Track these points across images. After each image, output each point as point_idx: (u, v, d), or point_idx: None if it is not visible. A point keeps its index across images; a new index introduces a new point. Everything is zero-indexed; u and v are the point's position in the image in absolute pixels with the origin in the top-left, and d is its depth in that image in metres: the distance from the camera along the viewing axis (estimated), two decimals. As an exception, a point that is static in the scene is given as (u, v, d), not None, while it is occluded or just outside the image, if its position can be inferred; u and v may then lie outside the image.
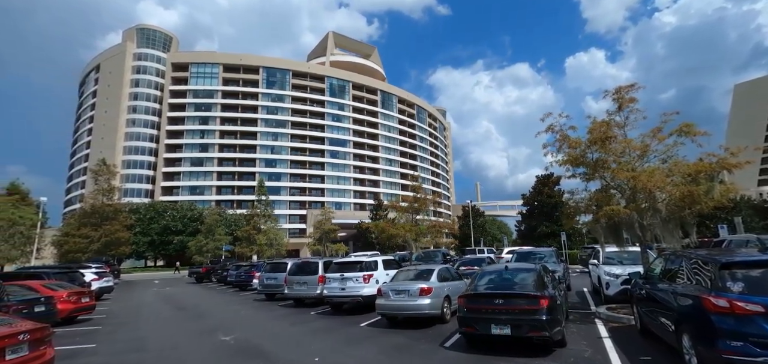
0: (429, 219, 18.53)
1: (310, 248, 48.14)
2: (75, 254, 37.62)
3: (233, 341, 9.11)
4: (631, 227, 9.69)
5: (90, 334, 10.77)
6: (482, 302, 6.90)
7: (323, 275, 14.70)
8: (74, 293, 12.67)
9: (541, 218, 39.24)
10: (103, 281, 20.73)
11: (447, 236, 17.90)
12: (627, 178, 8.95)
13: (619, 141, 9.62)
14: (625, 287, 10.34)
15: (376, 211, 50.27)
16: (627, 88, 10.50)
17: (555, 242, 37.32)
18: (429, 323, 9.72)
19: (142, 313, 15.01)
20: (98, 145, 76.84)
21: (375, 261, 13.18)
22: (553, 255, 14.16)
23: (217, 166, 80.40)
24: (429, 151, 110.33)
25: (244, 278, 23.01)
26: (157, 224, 55.40)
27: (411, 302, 9.46)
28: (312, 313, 13.04)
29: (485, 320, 6.68)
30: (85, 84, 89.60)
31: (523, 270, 7.91)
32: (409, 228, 16.32)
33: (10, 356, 4.80)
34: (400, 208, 17.50)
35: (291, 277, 15.26)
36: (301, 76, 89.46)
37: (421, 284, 9.61)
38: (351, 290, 12.27)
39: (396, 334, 9.01)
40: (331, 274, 12.86)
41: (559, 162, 10.81)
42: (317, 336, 9.36)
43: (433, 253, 19.81)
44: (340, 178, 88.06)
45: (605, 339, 7.46)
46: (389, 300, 9.77)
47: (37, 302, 10.28)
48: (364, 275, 12.31)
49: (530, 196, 41.42)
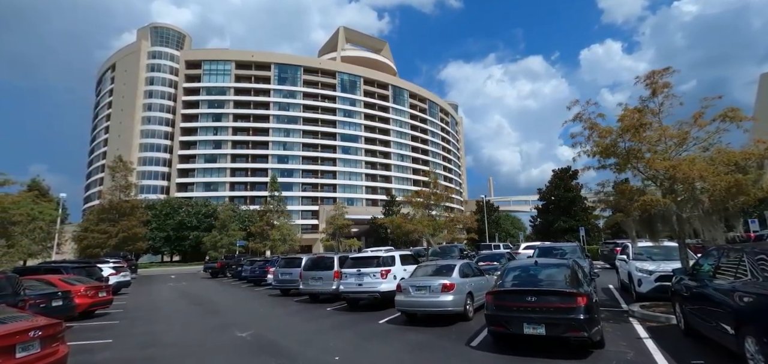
0: (446, 214, 17.96)
1: (323, 244, 48.12)
2: (94, 249, 38.37)
3: (250, 337, 8.88)
4: (667, 220, 9.07)
5: (107, 329, 10.70)
6: (513, 300, 6.46)
7: (339, 271, 14.41)
8: (92, 288, 12.66)
9: (559, 213, 38.31)
10: (121, 275, 20.89)
11: (463, 232, 17.40)
12: (665, 168, 8.33)
13: (654, 129, 8.98)
14: (661, 284, 9.75)
15: (388, 206, 49.96)
16: (661, 72, 9.82)
17: (573, 237, 36.40)
18: (450, 321, 9.31)
19: (159, 308, 14.99)
20: (115, 143, 78.33)
21: (392, 256, 12.82)
22: (576, 251, 13.54)
23: (230, 162, 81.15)
24: (441, 146, 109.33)
25: (258, 273, 22.95)
26: (173, 219, 56.17)
27: (432, 299, 9.06)
28: (328, 308, 12.77)
29: (517, 318, 6.24)
30: (102, 83, 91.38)
31: (554, 265, 7.44)
32: (426, 223, 15.83)
33: (21, 353, 4.59)
34: (416, 202, 17.00)
35: (306, 272, 15.02)
36: (312, 72, 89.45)
37: (443, 280, 9.20)
38: (368, 285, 11.94)
39: (417, 331, 8.63)
40: (347, 269, 12.55)
41: (587, 153, 10.19)
42: (335, 332, 9.06)
43: (449, 248, 19.30)
44: (351, 173, 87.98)
45: (646, 340, 6.94)
46: (409, 296, 9.39)
47: (55, 297, 10.23)
48: (382, 270, 11.97)
49: (547, 190, 40.47)
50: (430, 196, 16.60)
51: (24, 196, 22.78)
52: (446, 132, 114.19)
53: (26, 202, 22.04)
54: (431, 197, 16.57)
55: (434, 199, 16.67)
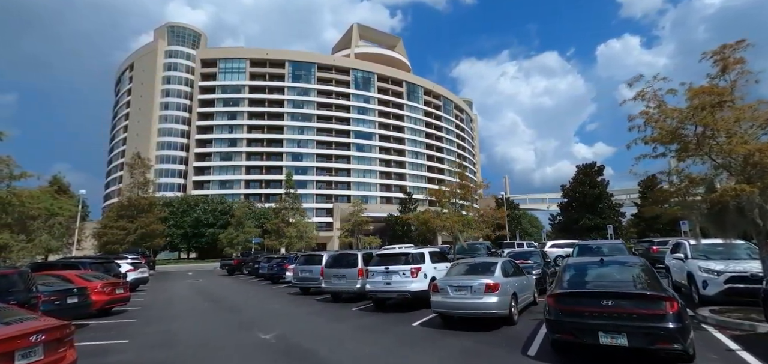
0: (475, 209, 16.84)
1: (341, 241, 47.38)
2: (113, 245, 38.66)
3: (274, 339, 8.16)
4: (745, 213, 7.92)
5: (123, 327, 10.16)
6: (583, 303, 5.51)
7: (363, 268, 13.65)
8: (109, 284, 12.19)
9: (583, 210, 36.69)
10: (139, 272, 20.60)
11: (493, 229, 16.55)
12: (749, 151, 7.22)
13: (734, 108, 7.84)
14: (733, 287, 8.64)
15: (405, 204, 49.06)
16: (733, 46, 8.66)
17: (600, 236, 34.85)
18: (492, 325, 8.40)
19: (177, 305, 14.49)
20: (133, 141, 79.51)
21: (422, 253, 11.95)
22: (623, 249, 12.40)
23: (245, 160, 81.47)
24: (455, 143, 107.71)
25: (276, 270, 22.40)
26: (190, 216, 56.47)
27: (474, 300, 8.16)
28: (353, 308, 12.00)
29: (590, 326, 5.30)
30: (121, 83, 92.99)
31: (624, 264, 6.46)
32: (455, 219, 14.82)
33: (21, 361, 3.91)
34: (443, 197, 15.96)
35: (328, 270, 14.30)
36: (326, 69, 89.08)
37: (486, 280, 8.28)
38: (397, 284, 11.11)
39: (458, 336, 7.75)
40: (374, 267, 11.73)
41: (644, 140, 9.06)
42: (367, 336, 8.26)
43: (476, 246, 18.23)
44: (366, 171, 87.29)
45: (739, 352, 5.90)
46: (448, 297, 8.51)
47: (70, 293, 9.72)
48: (412, 268, 11.11)
49: (571, 187, 38.85)
50: (458, 189, 15.55)
51: (44, 191, 22.80)
52: (461, 129, 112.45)
53: (46, 197, 22.07)
54: (458, 191, 15.50)
55: (462, 192, 15.63)
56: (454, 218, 14.73)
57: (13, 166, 13.53)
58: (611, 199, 37.30)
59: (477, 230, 16.03)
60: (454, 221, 14.66)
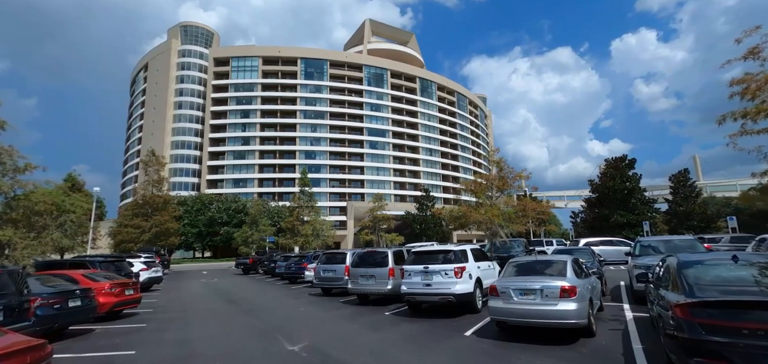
0: (513, 202, 15.16)
1: (362, 238, 45.89)
2: (128, 243, 38.22)
3: (305, 352, 6.86)
4: None
5: (131, 334, 9.01)
6: (740, 317, 4.01)
7: (393, 268, 12.33)
8: (118, 285, 11.12)
9: (615, 206, 34.54)
10: (152, 271, 19.69)
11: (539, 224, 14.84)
12: None
13: None
14: None
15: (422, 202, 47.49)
16: None
17: (632, 233, 32.77)
18: (565, 337, 6.94)
19: (192, 307, 13.38)
20: (148, 141, 79.78)
21: (464, 251, 10.52)
22: (699, 247, 10.70)
23: (258, 158, 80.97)
24: (470, 140, 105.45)
25: (294, 269, 21.24)
26: (204, 215, 56.08)
27: (547, 307, 6.71)
28: (386, 313, 10.66)
29: (756, 349, 3.80)
30: (136, 83, 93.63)
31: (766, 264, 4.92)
32: (497, 213, 13.19)
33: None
34: (480, 189, 14.33)
35: (354, 269, 13.00)
36: (338, 66, 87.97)
37: (559, 282, 6.82)
38: (439, 286, 9.71)
39: (533, 351, 6.31)
40: (410, 266, 10.36)
41: (749, 113, 7.43)
42: (413, 349, 6.89)
43: (510, 244, 16.55)
44: (379, 169, 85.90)
45: None
46: (510, 303, 7.08)
47: (72, 296, 8.60)
48: (455, 267, 9.70)
49: (600, 181, 36.68)
50: (495, 179, 13.90)
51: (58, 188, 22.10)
52: (476, 125, 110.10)
53: (57, 192, 21.33)
54: (497, 180, 13.85)
55: (498, 184, 13.99)
56: (493, 211, 13.08)
57: (17, 157, 12.66)
58: (644, 193, 35.07)
59: (519, 224, 14.44)
60: (494, 215, 13.02)
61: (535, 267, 7.83)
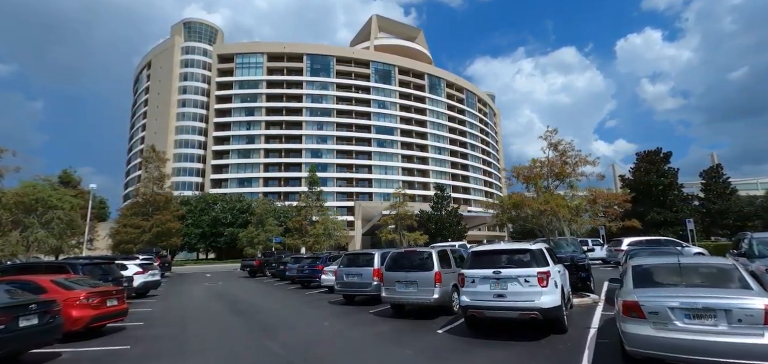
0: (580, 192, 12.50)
1: (385, 236, 43.10)
2: (127, 244, 36.03)
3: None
4: None
5: (107, 362, 6.66)
6: None
7: (440, 272, 9.93)
8: (97, 294, 8.78)
9: (650, 204, 31.81)
10: (148, 274, 17.35)
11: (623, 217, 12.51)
12: None
13: None
14: None
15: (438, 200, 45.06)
16: None
17: (671, 232, 30.11)
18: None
19: (192, 321, 11.04)
20: (151, 140, 77.65)
21: (541, 250, 8.07)
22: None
23: (263, 157, 78.79)
24: (479, 138, 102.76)
25: (307, 272, 18.85)
26: (208, 215, 53.93)
27: (741, 339, 4.26)
28: (439, 331, 8.29)
29: None
30: (139, 82, 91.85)
31: None
32: (562, 203, 10.64)
33: None
34: (537, 175, 11.71)
35: (389, 274, 10.62)
36: (345, 62, 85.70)
37: (754, 301, 4.37)
38: (517, 297, 7.27)
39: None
40: (473, 271, 7.91)
41: None
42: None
43: (560, 243, 13.81)
44: (387, 168, 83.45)
45: None
46: (673, 330, 4.62)
47: (25, 311, 6.27)
48: (539, 272, 7.25)
49: (634, 177, 33.93)
50: (555, 164, 11.31)
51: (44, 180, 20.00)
52: (485, 123, 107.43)
53: (44, 188, 19.14)
54: (559, 165, 11.26)
55: (559, 170, 11.44)
56: (557, 201, 10.49)
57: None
58: (681, 189, 32.40)
59: (593, 219, 11.97)
60: (559, 205, 10.42)
61: (685, 273, 5.38)
